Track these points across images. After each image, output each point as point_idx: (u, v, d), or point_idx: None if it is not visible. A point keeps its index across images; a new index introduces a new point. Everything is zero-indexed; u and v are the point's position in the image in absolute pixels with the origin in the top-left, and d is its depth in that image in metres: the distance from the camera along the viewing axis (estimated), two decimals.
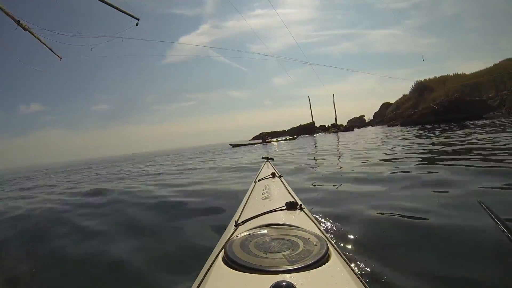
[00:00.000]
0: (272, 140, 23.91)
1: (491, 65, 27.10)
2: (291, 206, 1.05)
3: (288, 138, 24.91)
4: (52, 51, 9.14)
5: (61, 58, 9.46)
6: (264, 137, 24.99)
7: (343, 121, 34.42)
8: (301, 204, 1.08)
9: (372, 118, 40.51)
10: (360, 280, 0.63)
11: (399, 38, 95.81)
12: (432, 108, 16.38)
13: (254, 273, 0.63)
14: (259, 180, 1.78)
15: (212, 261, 0.72)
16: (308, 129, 30.82)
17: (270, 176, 1.86)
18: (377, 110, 41.55)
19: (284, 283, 0.55)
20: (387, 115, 36.42)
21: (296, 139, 21.76)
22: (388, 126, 20.46)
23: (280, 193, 1.42)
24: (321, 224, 1.01)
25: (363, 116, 41.59)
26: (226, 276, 0.64)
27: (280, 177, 1.83)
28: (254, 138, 50.43)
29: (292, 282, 0.56)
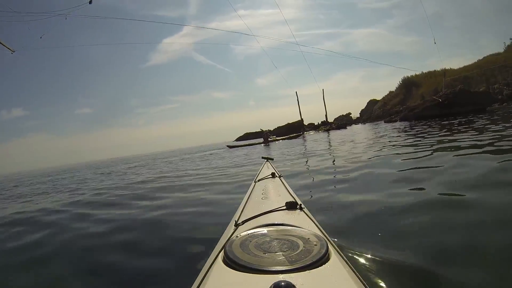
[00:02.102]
0: (277, 138, 20.19)
1: (473, 61, 27.11)
2: (291, 206, 1.05)
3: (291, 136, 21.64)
4: (2, 43, 7.82)
5: (13, 51, 8.56)
6: (266, 136, 20.01)
7: (329, 119, 33.39)
8: (301, 204, 1.08)
9: (358, 115, 40.03)
10: (360, 280, 0.63)
11: (381, 37, 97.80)
12: (436, 101, 15.41)
13: (254, 273, 0.62)
14: (259, 180, 1.79)
15: (212, 261, 0.72)
16: (296, 128, 29.32)
17: (270, 176, 1.86)
18: (363, 108, 41.21)
19: (284, 283, 0.55)
20: (374, 112, 35.95)
21: (297, 138, 19.15)
22: (385, 122, 19.39)
23: (280, 193, 1.42)
24: (321, 224, 0.95)
25: (350, 113, 41.06)
26: (226, 276, 0.64)
27: (280, 177, 1.84)
28: (238, 139, 48.79)
29: (292, 282, 0.55)
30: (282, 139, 19.80)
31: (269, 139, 19.49)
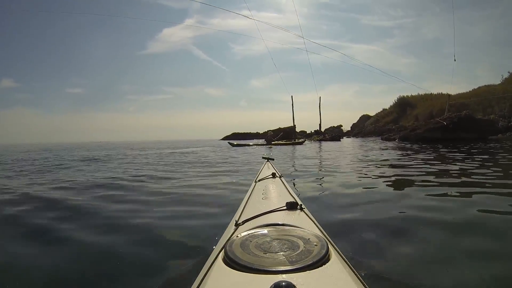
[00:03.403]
0: (280, 142, 18.72)
1: (467, 90, 27.26)
2: (291, 206, 1.05)
3: (295, 141, 20.20)
4: None
5: None
6: (270, 138, 18.87)
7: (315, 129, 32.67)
8: (301, 204, 1.08)
9: (349, 129, 39.77)
10: (360, 280, 0.63)
11: (380, 55, 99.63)
12: (440, 124, 14.86)
13: (254, 273, 0.62)
14: (259, 180, 1.79)
15: (212, 261, 0.72)
16: (288, 134, 28.30)
17: (271, 176, 1.86)
18: (355, 122, 41.11)
19: (284, 283, 0.55)
20: (366, 127, 35.74)
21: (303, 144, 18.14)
22: (383, 139, 18.72)
23: (280, 193, 1.42)
24: (321, 224, 0.96)
25: (341, 126, 40.77)
26: (226, 276, 0.64)
27: (280, 177, 1.85)
28: (224, 138, 47.49)
29: (292, 282, 0.55)
30: (285, 144, 18.57)
31: (272, 142, 18.36)
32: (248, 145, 17.51)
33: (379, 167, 5.24)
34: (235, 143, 18.39)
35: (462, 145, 10.34)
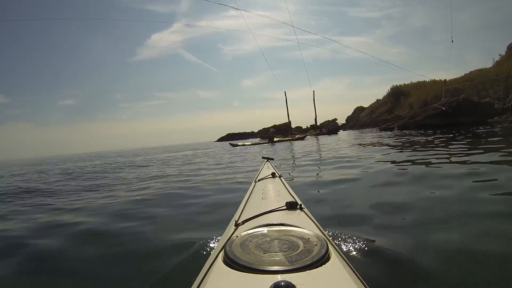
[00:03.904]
0: (283, 139, 18.22)
1: (458, 76, 27.19)
2: (291, 206, 1.05)
3: (297, 136, 20.11)
4: None
5: None
6: (272, 135, 17.84)
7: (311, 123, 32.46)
8: (301, 204, 1.08)
9: (344, 122, 39.58)
10: (360, 280, 0.63)
11: (370, 46, 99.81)
12: (439, 109, 14.62)
13: (254, 273, 0.62)
14: (259, 180, 1.78)
15: (212, 261, 0.71)
16: (284, 130, 27.93)
17: (270, 176, 1.85)
18: (349, 114, 40.89)
19: (284, 283, 0.55)
20: (361, 119, 35.58)
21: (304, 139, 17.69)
22: (381, 130, 18.43)
23: (280, 193, 1.41)
24: (321, 224, 0.94)
25: (336, 119, 40.56)
26: (226, 276, 0.64)
27: (280, 177, 1.84)
28: (220, 139, 47.04)
29: (292, 282, 0.55)
30: (288, 140, 18.04)
31: (274, 139, 17.68)
32: (248, 144, 16.95)
33: (384, 162, 4.88)
34: (239, 143, 17.83)
35: (465, 131, 9.97)
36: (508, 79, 20.59)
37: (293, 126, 30.84)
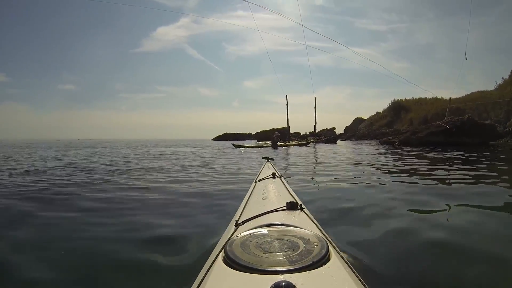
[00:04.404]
0: (289, 144, 17.46)
1: (459, 96, 27.25)
2: (291, 206, 1.05)
3: (300, 142, 19.28)
4: None
5: None
6: (275, 139, 17.04)
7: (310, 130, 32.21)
8: (301, 205, 1.08)
9: (342, 131, 39.50)
10: (360, 280, 0.63)
11: (374, 58, 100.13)
12: (442, 127, 14.46)
13: (254, 273, 0.62)
14: (259, 180, 1.77)
15: (212, 261, 0.71)
16: (282, 135, 27.62)
17: (271, 176, 1.85)
18: (348, 124, 40.89)
19: (284, 283, 0.54)
20: (360, 131, 35.54)
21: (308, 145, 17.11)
22: (381, 143, 18.21)
23: (280, 193, 1.41)
24: (322, 224, 0.95)
25: (334, 128, 40.47)
26: (226, 276, 0.64)
27: (280, 177, 1.84)
28: (216, 138, 46.66)
29: (292, 282, 0.55)
30: (293, 145, 17.35)
31: (278, 144, 16.77)
32: (252, 147, 16.27)
33: (386, 172, 4.89)
34: (245, 145, 17.16)
35: (472, 151, 9.80)
36: (510, 103, 20.62)
37: (291, 131, 30.56)
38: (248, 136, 43.29)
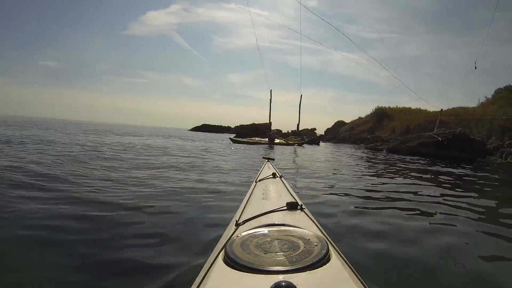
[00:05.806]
0: (290, 142, 17.09)
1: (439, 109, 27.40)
2: (291, 206, 1.05)
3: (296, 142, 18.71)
4: None
5: None
6: (272, 137, 16.46)
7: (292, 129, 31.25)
8: (301, 205, 1.08)
9: (323, 133, 38.88)
10: (360, 280, 0.62)
11: (360, 64, 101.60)
12: (434, 139, 13.79)
13: (254, 273, 0.62)
14: (259, 180, 1.76)
15: (212, 260, 0.71)
16: (262, 131, 26.14)
17: (271, 176, 1.85)
18: (329, 127, 40.34)
19: (284, 283, 0.54)
20: (340, 134, 35.01)
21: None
22: (369, 149, 17.32)
23: (280, 193, 1.41)
24: (322, 224, 0.94)
25: (315, 129, 39.77)
26: (226, 275, 0.64)
27: (281, 177, 1.83)
28: (194, 129, 44.46)
29: (293, 282, 0.55)
30: (296, 144, 16.90)
31: (274, 142, 16.14)
32: (249, 143, 15.54)
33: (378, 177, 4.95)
34: (245, 140, 16.51)
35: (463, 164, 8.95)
36: (493, 121, 20.60)
37: (273, 128, 29.21)
38: (227, 130, 41.67)
